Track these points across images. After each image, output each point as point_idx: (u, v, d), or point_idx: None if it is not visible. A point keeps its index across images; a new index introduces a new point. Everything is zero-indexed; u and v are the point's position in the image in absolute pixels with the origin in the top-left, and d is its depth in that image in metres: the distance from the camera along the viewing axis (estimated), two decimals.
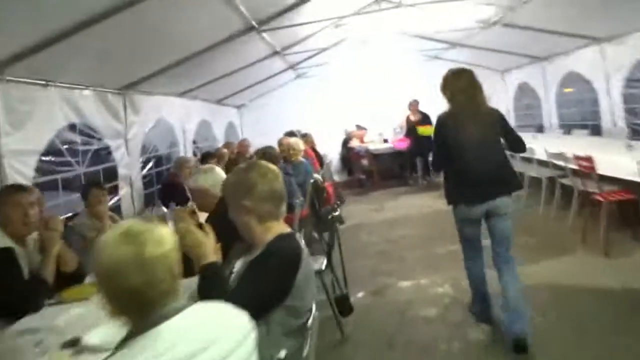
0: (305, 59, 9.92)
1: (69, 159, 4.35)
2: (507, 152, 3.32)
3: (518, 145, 3.34)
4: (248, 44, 6.33)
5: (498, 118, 3.26)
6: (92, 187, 3.64)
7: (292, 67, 9.90)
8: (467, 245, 3.44)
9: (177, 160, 5.54)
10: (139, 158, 5.98)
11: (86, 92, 4.76)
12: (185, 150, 7.71)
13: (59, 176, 4.21)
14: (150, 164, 6.39)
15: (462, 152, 3.14)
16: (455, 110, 3.23)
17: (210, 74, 7.33)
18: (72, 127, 4.39)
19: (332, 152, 11.12)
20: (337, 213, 4.39)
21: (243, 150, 7.89)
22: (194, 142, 8.17)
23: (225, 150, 7.25)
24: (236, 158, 7.44)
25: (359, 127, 11.09)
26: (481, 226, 3.32)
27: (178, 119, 7.40)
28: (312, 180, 5.68)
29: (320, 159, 7.72)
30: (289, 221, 2.59)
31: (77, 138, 4.52)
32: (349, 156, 10.13)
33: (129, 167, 5.63)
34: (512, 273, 3.16)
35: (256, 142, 10.77)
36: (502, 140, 3.27)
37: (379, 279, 4.73)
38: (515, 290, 3.12)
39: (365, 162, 9.74)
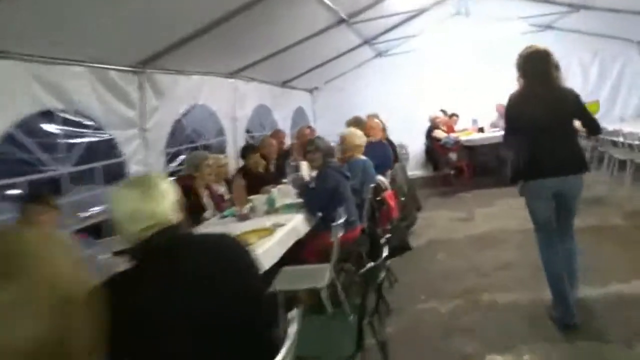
0: (385, 32, 8.35)
1: (39, 155, 3.32)
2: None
3: (592, 127, 3.24)
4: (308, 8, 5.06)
5: (572, 99, 3.14)
6: (29, 202, 2.54)
7: (367, 42, 8.39)
8: (541, 227, 3.24)
9: (190, 157, 4.35)
10: (164, 151, 4.92)
11: (77, 69, 3.73)
12: (236, 141, 6.61)
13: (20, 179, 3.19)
14: (182, 157, 5.32)
15: (532, 131, 3.09)
16: (527, 90, 3.16)
17: (269, 47, 6.12)
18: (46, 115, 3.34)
19: (416, 142, 9.52)
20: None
21: (278, 140, 6.56)
22: (248, 132, 7.04)
23: (272, 141, 6.01)
24: (285, 149, 6.22)
25: (445, 112, 9.30)
26: (552, 207, 3.16)
27: (225, 103, 6.29)
28: (372, 185, 4.25)
29: (394, 151, 6.20)
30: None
31: (56, 129, 3.48)
32: (433, 149, 8.44)
33: (146, 162, 4.58)
34: (574, 254, 3.21)
35: (329, 130, 9.63)
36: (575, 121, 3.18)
37: (455, 344, 3.17)
38: (574, 275, 3.18)
39: (453, 155, 8.02)
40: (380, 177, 4.54)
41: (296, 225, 3.55)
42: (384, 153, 5.28)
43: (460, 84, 9.60)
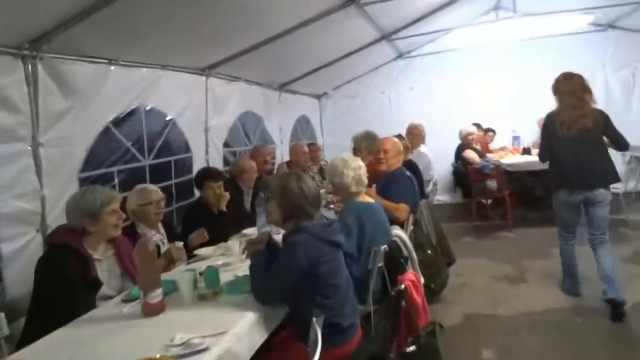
0: (407, 25, 6.68)
1: None
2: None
3: (619, 144, 3.61)
4: None
5: (601, 118, 3.53)
6: None
7: (385, 37, 6.72)
8: (563, 227, 3.88)
9: (82, 199, 2.61)
10: (76, 176, 3.32)
11: None
12: (209, 159, 5.02)
13: None
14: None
15: (564, 146, 3.61)
16: (562, 110, 3.63)
17: (258, 33, 4.56)
18: None
19: (441, 161, 7.80)
20: None
21: (259, 159, 4.92)
22: (226, 145, 5.42)
23: (249, 163, 4.38)
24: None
25: (479, 127, 7.56)
26: (579, 212, 3.73)
27: (191, 108, 4.70)
28: (383, 248, 2.59)
29: (419, 182, 4.45)
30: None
31: None
32: (464, 171, 6.69)
33: (41, 196, 2.99)
34: (607, 252, 3.57)
35: (337, 146, 7.96)
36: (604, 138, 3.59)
37: None
38: (611, 264, 3.53)
39: (492, 183, 6.27)
40: (397, 232, 2.85)
41: (238, 338, 1.89)
42: (406, 188, 3.61)
43: (497, 92, 7.91)
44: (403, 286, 2.39)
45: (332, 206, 4.28)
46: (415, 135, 5.62)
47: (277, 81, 6.76)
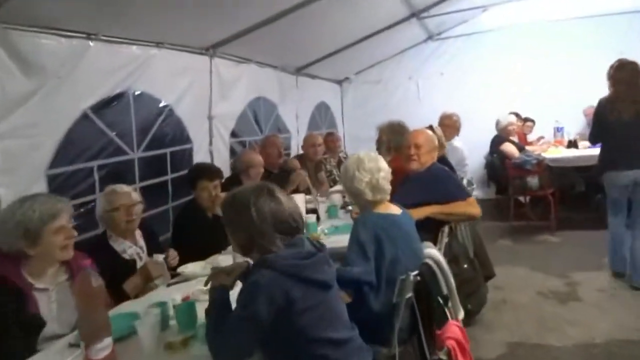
0: (440, 1, 5.96)
1: None
2: None
3: None
4: None
5: None
6: None
7: (415, 14, 6.02)
8: (612, 207, 3.95)
9: (14, 213, 2.05)
10: (44, 173, 2.80)
11: None
12: (214, 150, 4.47)
13: None
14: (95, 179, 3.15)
15: (615, 130, 3.74)
16: (614, 96, 3.76)
17: (269, 8, 3.98)
18: None
19: (474, 154, 7.09)
20: None
21: (270, 151, 4.39)
22: (234, 135, 4.85)
23: (256, 158, 3.80)
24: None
25: (519, 116, 6.80)
26: (628, 194, 3.76)
27: (192, 92, 4.13)
28: (403, 277, 1.98)
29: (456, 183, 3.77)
30: None
31: None
32: (500, 165, 5.98)
33: None
34: None
35: (359, 136, 7.35)
36: None
37: None
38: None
39: (532, 180, 5.55)
40: (432, 253, 2.22)
41: None
42: (456, 183, 2.99)
43: (537, 78, 7.11)
44: (445, 350, 1.76)
45: (349, 208, 3.69)
46: (448, 127, 4.92)
47: (293, 64, 6.14)
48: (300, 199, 3.08)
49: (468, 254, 3.25)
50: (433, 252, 2.23)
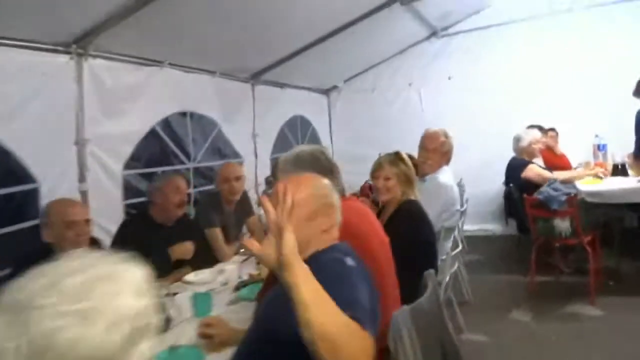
0: None
1: None
2: None
3: None
4: None
5: None
6: None
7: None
8: None
9: None
10: None
11: None
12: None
13: None
14: None
15: None
16: None
17: None
18: None
19: (485, 180, 5.53)
20: None
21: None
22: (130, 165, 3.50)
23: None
24: None
25: (542, 130, 5.16)
26: None
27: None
28: None
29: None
30: None
31: None
32: (520, 197, 4.31)
33: None
34: None
35: (350, 155, 5.95)
36: None
37: None
38: None
39: (563, 223, 3.91)
40: None
41: None
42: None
43: (573, 80, 5.51)
44: None
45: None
46: (431, 152, 3.33)
47: (246, 68, 4.79)
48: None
49: None
50: None
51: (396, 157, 2.59)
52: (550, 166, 4.96)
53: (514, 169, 4.56)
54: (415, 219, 2.45)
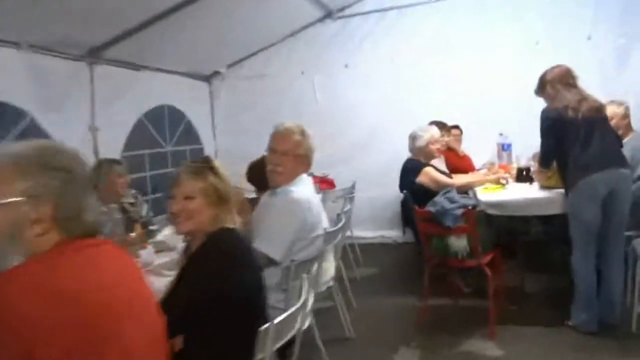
0: None
1: None
2: None
3: None
4: None
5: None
6: None
7: None
8: (579, 235, 2.96)
9: None
10: None
11: None
12: None
13: None
14: None
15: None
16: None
17: None
18: None
19: (386, 181, 4.78)
20: None
21: None
22: None
23: None
24: None
25: (443, 126, 4.51)
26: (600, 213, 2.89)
27: None
28: None
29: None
30: None
31: None
32: (417, 204, 3.59)
33: None
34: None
35: (236, 153, 4.97)
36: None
37: None
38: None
39: (459, 242, 3.23)
40: None
41: None
42: None
43: (471, 71, 4.95)
44: None
45: None
46: (282, 155, 2.40)
47: (82, 41, 3.70)
48: None
49: None
50: None
51: (204, 166, 1.70)
52: (453, 168, 4.37)
53: (408, 172, 3.86)
54: (225, 261, 1.59)
